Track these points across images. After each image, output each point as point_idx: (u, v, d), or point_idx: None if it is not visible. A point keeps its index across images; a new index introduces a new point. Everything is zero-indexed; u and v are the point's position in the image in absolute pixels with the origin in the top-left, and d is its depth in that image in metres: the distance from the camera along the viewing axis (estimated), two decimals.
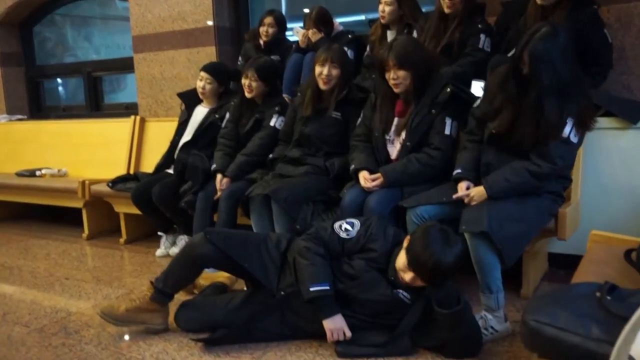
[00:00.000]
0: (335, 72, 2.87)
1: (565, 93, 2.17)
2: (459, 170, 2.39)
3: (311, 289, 2.09)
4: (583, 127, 2.21)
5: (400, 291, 2.12)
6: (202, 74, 3.57)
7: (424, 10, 3.29)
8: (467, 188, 2.32)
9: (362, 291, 2.14)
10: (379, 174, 2.55)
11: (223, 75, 3.63)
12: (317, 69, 2.89)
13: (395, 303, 2.12)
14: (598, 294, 1.37)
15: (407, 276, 2.03)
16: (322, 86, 2.90)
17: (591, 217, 2.65)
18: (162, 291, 2.34)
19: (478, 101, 2.47)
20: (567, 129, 2.17)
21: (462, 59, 2.91)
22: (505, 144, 2.29)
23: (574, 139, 2.19)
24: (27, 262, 3.60)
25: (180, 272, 2.36)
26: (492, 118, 2.31)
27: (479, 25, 2.92)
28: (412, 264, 2.00)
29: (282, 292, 2.22)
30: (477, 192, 2.25)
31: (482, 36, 2.90)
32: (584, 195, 2.66)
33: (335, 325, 2.11)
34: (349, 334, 2.11)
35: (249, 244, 2.32)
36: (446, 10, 2.93)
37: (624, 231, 2.21)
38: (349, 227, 2.22)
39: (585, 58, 2.76)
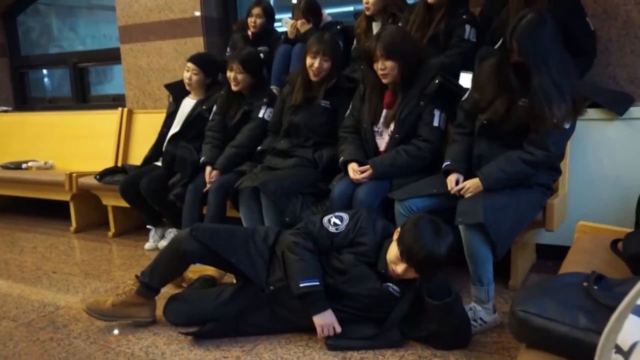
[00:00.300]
0: (326, 64, 2.87)
1: (557, 79, 2.17)
2: (448, 162, 2.40)
3: (301, 285, 2.08)
4: (575, 113, 2.22)
5: (390, 285, 2.12)
6: (189, 64, 3.54)
7: (408, 1, 3.29)
8: (457, 181, 2.32)
9: (351, 286, 2.14)
10: (367, 166, 2.55)
11: (210, 66, 3.60)
12: (309, 61, 2.88)
13: (384, 297, 2.13)
14: (585, 283, 1.38)
15: (399, 268, 2.03)
16: (312, 77, 2.90)
17: (579, 208, 2.67)
18: (148, 285, 2.32)
19: (467, 94, 2.48)
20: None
21: (448, 50, 2.91)
22: (497, 134, 2.30)
23: (566, 125, 2.20)
24: (14, 255, 3.57)
25: (167, 267, 2.34)
26: (484, 109, 2.32)
27: (464, 16, 2.92)
28: (404, 256, 1.99)
29: (272, 287, 2.21)
30: (473, 184, 2.26)
31: (467, 27, 2.90)
32: (571, 186, 2.68)
33: (325, 320, 2.11)
34: (338, 329, 2.11)
35: (236, 239, 2.30)
36: (430, 1, 2.93)
37: (611, 222, 2.23)
38: (337, 222, 2.21)
39: (568, 47, 2.78)
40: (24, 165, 4.43)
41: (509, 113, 2.25)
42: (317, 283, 2.09)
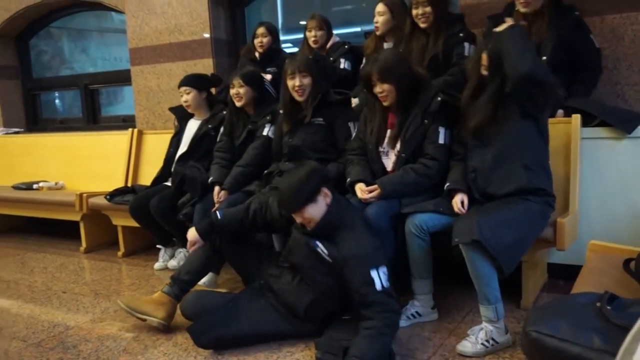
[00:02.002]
0: (306, 80, 2.90)
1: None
2: (448, 184, 2.46)
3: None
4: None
5: (316, 242, 2.26)
6: (180, 89, 3.62)
7: None
8: (462, 201, 2.37)
9: (292, 254, 2.39)
10: (375, 186, 2.55)
11: (198, 81, 3.65)
12: (289, 83, 2.92)
13: (316, 256, 2.26)
14: (598, 304, 1.38)
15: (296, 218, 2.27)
16: (298, 98, 2.94)
17: (589, 227, 2.66)
18: (177, 279, 2.54)
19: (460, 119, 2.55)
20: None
21: (451, 68, 2.94)
22: (485, 144, 2.37)
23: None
24: (24, 275, 3.58)
25: (197, 260, 2.60)
26: (467, 122, 2.44)
27: (461, 34, 2.96)
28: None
29: (262, 281, 2.47)
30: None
31: (466, 44, 2.94)
32: (582, 205, 2.67)
33: (191, 234, 2.59)
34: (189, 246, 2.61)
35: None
36: (422, 25, 2.99)
37: (623, 241, 2.22)
38: None
39: (573, 64, 2.82)
40: (35, 186, 4.46)
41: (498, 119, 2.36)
42: (219, 216, 2.57)
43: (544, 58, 2.76)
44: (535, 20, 2.82)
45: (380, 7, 3.24)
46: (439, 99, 2.57)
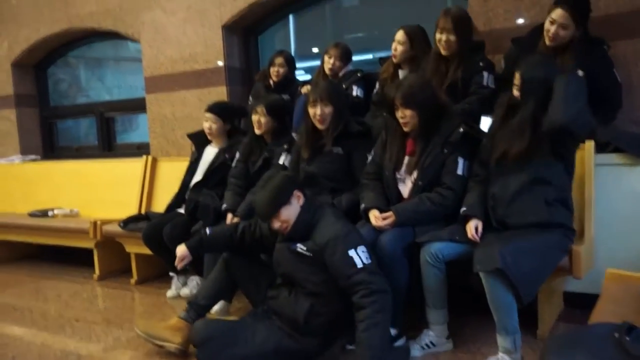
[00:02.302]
0: (327, 109, 2.89)
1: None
2: (464, 208, 2.42)
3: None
4: None
5: (296, 245, 2.35)
6: (207, 115, 3.62)
7: None
8: (476, 227, 2.33)
9: (279, 265, 2.45)
10: (390, 213, 2.54)
11: (227, 113, 3.68)
12: (311, 111, 2.91)
13: (299, 258, 2.34)
14: (616, 334, 1.36)
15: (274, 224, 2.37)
16: (319, 126, 2.92)
17: (606, 255, 2.62)
18: (194, 304, 2.59)
19: (482, 143, 2.53)
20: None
21: (468, 97, 2.92)
22: (508, 169, 2.35)
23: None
24: (38, 303, 3.60)
25: (214, 284, 2.67)
26: (494, 148, 2.42)
27: (480, 63, 2.94)
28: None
29: (265, 306, 2.54)
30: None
31: (485, 74, 2.92)
32: (597, 232, 2.64)
33: (181, 248, 2.69)
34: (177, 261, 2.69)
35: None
36: (443, 52, 2.96)
37: None
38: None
39: (595, 97, 2.79)
40: (50, 213, 4.50)
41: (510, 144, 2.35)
42: (207, 232, 2.73)
43: None
44: (562, 52, 2.78)
45: (400, 36, 3.23)
46: (461, 130, 2.55)
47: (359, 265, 2.20)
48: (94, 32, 5.26)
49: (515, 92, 2.37)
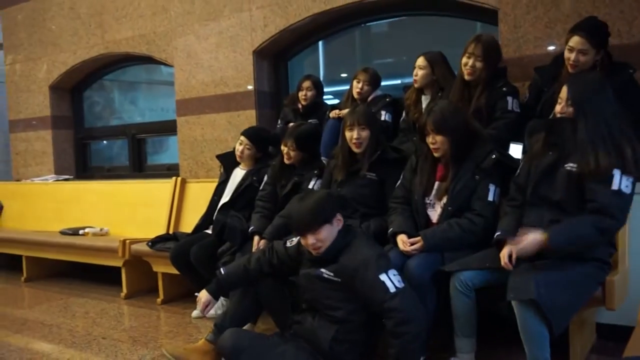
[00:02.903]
0: (364, 133, 2.90)
1: (611, 141, 2.16)
2: (498, 233, 2.35)
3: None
4: (630, 174, 2.14)
5: (322, 270, 2.31)
6: (242, 138, 3.66)
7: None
8: (510, 255, 2.22)
9: (305, 292, 2.42)
10: (418, 238, 2.52)
11: (262, 142, 3.72)
12: (347, 134, 2.93)
13: (326, 283, 2.31)
14: None
15: (308, 240, 2.30)
16: (355, 149, 2.93)
17: None
18: (220, 326, 2.57)
19: (519, 168, 2.46)
20: (616, 180, 2.11)
21: (495, 122, 2.90)
22: (546, 202, 2.27)
23: (626, 189, 2.12)
24: (66, 320, 3.64)
25: (238, 305, 2.65)
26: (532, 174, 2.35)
27: (504, 89, 2.93)
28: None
29: (291, 331, 2.49)
30: (535, 238, 2.17)
31: (509, 98, 2.90)
32: (632, 262, 2.57)
33: (202, 295, 2.63)
34: (205, 309, 2.65)
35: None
36: (467, 77, 2.95)
37: None
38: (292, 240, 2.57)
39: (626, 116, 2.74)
40: (81, 232, 4.58)
41: (556, 177, 2.24)
42: (222, 272, 2.64)
43: None
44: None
45: (420, 61, 3.28)
46: (494, 156, 2.54)
47: (392, 289, 2.17)
48: (129, 57, 5.40)
49: (568, 108, 2.26)
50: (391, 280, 2.19)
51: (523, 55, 3.27)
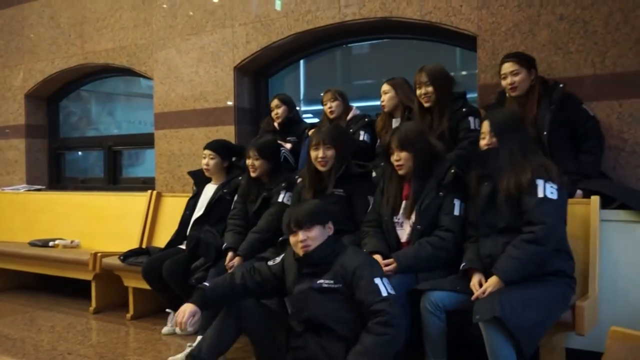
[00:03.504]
0: (329, 152, 2.94)
1: (524, 157, 2.36)
2: (464, 264, 2.43)
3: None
4: (553, 182, 2.29)
5: (322, 281, 2.34)
6: (205, 151, 3.69)
7: None
8: (479, 282, 2.32)
9: (302, 312, 2.38)
10: (392, 259, 2.53)
11: (224, 149, 3.74)
12: (312, 154, 2.97)
13: (326, 295, 2.31)
14: None
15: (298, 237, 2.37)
16: (321, 168, 2.97)
17: (610, 312, 2.57)
18: (196, 356, 2.43)
19: (468, 208, 2.59)
20: (540, 190, 2.26)
21: (460, 142, 2.98)
22: (498, 231, 2.37)
23: (551, 195, 2.26)
24: (31, 334, 3.54)
25: (216, 335, 2.49)
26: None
27: (464, 109, 3.04)
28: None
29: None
30: (492, 284, 2.25)
31: (471, 118, 3.01)
32: (602, 289, 2.60)
33: (187, 307, 2.43)
34: (186, 321, 2.41)
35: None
36: (425, 105, 3.07)
37: None
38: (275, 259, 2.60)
39: (574, 137, 2.87)
40: (51, 243, 4.49)
41: (498, 205, 2.37)
42: (206, 285, 2.54)
43: (545, 133, 2.82)
44: (526, 102, 2.93)
45: (385, 87, 3.43)
46: (453, 171, 2.62)
47: (384, 293, 2.23)
48: (108, 68, 5.35)
49: (485, 142, 2.47)
50: (384, 285, 2.26)
51: (500, 81, 3.33)
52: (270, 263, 2.58)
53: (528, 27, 3.25)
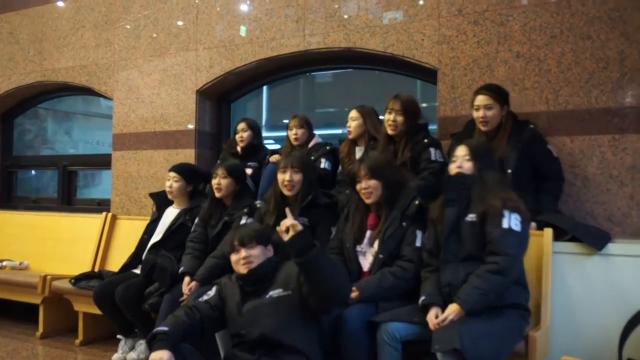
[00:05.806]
0: (297, 177, 2.94)
1: (496, 186, 2.42)
2: (423, 297, 2.42)
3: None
4: (518, 213, 2.34)
5: (270, 294, 2.34)
6: (170, 173, 3.64)
7: None
8: (437, 315, 2.31)
9: (253, 328, 2.30)
10: (354, 289, 2.52)
11: (190, 173, 3.69)
12: (280, 177, 2.97)
13: (279, 307, 2.30)
14: None
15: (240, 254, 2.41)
16: (286, 192, 2.96)
17: (561, 342, 2.62)
18: None
19: (426, 237, 2.60)
20: (505, 220, 2.31)
21: (421, 173, 3.03)
22: (458, 259, 2.39)
23: (515, 227, 2.30)
24: None
25: None
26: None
27: (425, 140, 3.09)
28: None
29: None
30: (452, 311, 2.25)
31: (432, 149, 3.06)
32: (553, 319, 2.66)
33: (160, 354, 2.17)
34: None
35: None
36: (390, 132, 3.12)
37: (595, 357, 2.19)
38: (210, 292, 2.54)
39: (536, 175, 2.95)
40: None
41: (461, 232, 2.40)
42: (166, 328, 2.29)
43: (509, 171, 2.88)
44: (495, 136, 2.99)
45: (353, 113, 3.45)
46: (417, 202, 2.64)
47: None
48: (67, 87, 5.25)
49: (455, 165, 2.51)
50: None
51: (459, 114, 3.42)
52: (204, 298, 2.49)
53: (486, 62, 3.37)
